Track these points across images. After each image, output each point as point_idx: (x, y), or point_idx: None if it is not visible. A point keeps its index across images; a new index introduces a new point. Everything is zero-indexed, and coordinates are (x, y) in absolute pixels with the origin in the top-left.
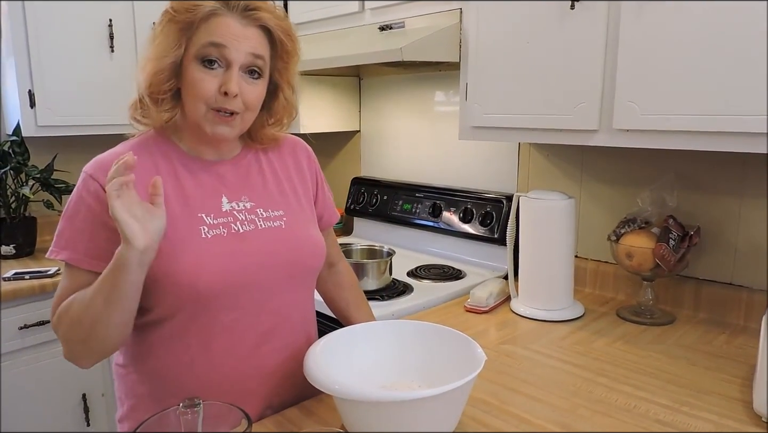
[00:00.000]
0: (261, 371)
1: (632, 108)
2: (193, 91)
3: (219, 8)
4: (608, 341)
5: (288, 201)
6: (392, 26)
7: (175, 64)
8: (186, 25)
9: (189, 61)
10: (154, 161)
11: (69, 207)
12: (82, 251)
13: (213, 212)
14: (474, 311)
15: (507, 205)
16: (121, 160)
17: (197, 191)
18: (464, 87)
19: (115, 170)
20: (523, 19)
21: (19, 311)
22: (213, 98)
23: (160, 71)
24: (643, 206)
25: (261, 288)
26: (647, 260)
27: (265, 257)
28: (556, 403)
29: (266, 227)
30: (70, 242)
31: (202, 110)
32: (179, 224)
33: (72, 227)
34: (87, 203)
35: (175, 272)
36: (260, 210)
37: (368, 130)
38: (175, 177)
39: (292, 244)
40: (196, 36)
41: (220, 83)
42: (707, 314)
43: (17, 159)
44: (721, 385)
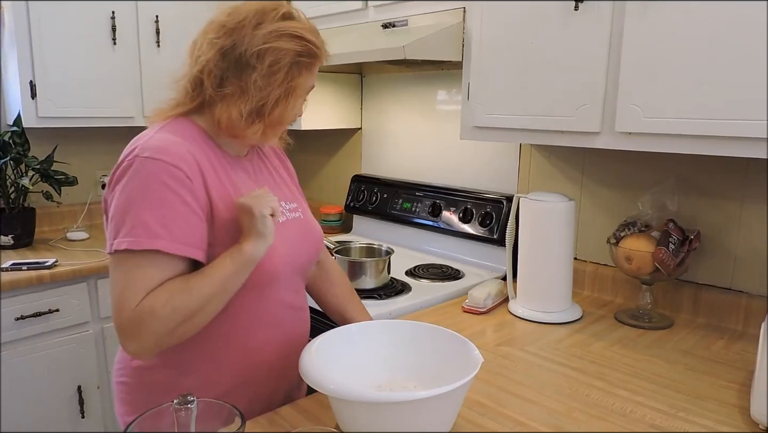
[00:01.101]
0: (292, 338)
1: (635, 111)
2: (292, 119)
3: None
4: (606, 344)
5: (294, 195)
6: (395, 24)
7: None
8: (315, 66)
9: (303, 96)
10: (204, 151)
11: (143, 196)
12: (180, 238)
13: None
14: (472, 311)
15: (507, 205)
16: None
17: (242, 184)
18: (466, 86)
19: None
20: (526, 20)
21: (15, 302)
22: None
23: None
24: (643, 210)
25: (295, 270)
26: (646, 264)
27: (298, 243)
28: (552, 406)
29: (291, 217)
30: (163, 229)
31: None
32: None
33: (159, 214)
34: (174, 191)
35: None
36: (283, 203)
37: (369, 128)
38: (222, 166)
39: (309, 231)
40: (310, 75)
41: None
42: (706, 318)
43: (17, 150)
44: (719, 391)
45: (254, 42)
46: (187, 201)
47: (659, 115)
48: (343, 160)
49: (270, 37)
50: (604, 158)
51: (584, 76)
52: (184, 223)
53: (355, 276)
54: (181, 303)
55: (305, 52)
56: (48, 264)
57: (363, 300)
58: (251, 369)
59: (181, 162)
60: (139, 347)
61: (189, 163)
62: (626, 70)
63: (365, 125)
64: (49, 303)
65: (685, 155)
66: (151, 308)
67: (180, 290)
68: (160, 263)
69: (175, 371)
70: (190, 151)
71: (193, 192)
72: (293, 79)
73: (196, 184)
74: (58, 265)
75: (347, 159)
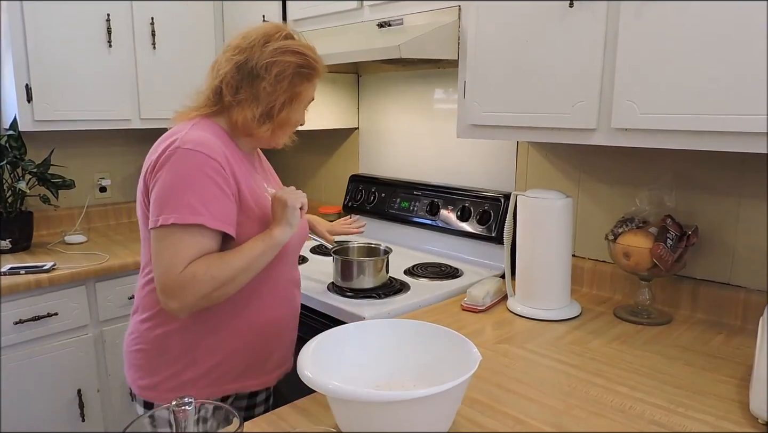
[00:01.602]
0: (293, 310)
1: (631, 107)
2: (296, 123)
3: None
4: (605, 341)
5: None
6: (391, 23)
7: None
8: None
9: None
10: (229, 148)
11: (186, 180)
12: (218, 216)
13: (267, 192)
14: (470, 309)
15: (505, 203)
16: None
17: (257, 176)
18: (462, 85)
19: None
20: (522, 17)
21: (14, 306)
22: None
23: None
24: (641, 206)
25: (292, 249)
26: (644, 260)
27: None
28: (551, 403)
29: None
30: (204, 208)
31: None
32: (261, 200)
33: (201, 196)
34: (211, 177)
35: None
36: None
37: (367, 128)
38: (241, 161)
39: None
40: (311, 87)
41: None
42: (704, 314)
43: (14, 153)
44: (718, 386)
45: (263, 57)
46: (222, 187)
47: (655, 111)
48: (340, 160)
49: (276, 53)
50: (601, 155)
51: (580, 73)
52: (220, 204)
53: (353, 276)
54: (218, 272)
55: (305, 64)
56: (46, 268)
57: (361, 299)
58: (256, 331)
59: (217, 155)
60: (179, 306)
61: (222, 156)
62: (622, 66)
63: (362, 125)
64: (48, 307)
65: (682, 151)
66: (193, 274)
67: (217, 261)
68: (201, 237)
69: (194, 335)
70: (222, 146)
71: (227, 180)
72: (296, 87)
73: (228, 173)
74: (57, 268)
75: (345, 159)
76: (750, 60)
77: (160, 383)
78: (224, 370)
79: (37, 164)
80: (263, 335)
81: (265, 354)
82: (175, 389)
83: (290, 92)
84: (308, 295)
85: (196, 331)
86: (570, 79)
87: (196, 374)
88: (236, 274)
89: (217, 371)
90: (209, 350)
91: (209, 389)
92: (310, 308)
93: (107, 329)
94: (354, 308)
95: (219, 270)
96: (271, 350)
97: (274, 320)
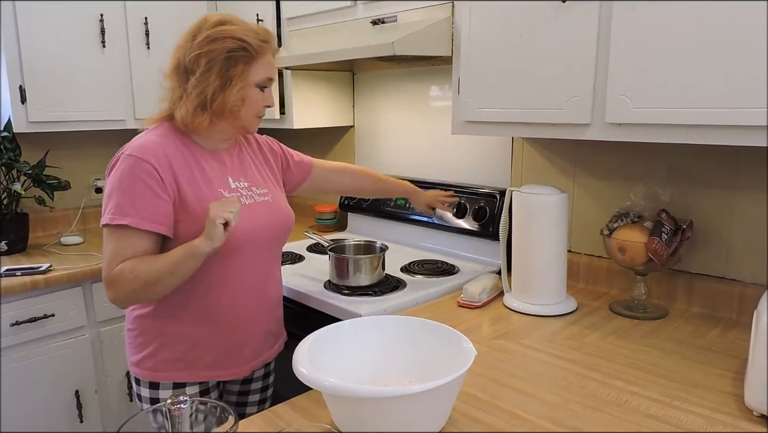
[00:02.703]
0: (265, 302)
1: (624, 102)
2: (252, 108)
3: (265, 46)
4: (601, 335)
5: (268, 183)
6: (384, 20)
7: None
8: (249, 60)
9: (250, 87)
10: (180, 149)
11: (122, 183)
12: (144, 216)
13: (226, 188)
14: (467, 306)
15: (500, 200)
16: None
17: (212, 172)
18: (457, 81)
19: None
20: (515, 13)
21: (11, 308)
22: (261, 111)
23: (245, 96)
24: (635, 200)
25: (261, 243)
26: (640, 255)
27: (263, 221)
28: (548, 398)
29: (260, 200)
30: (131, 209)
31: (253, 119)
32: (207, 195)
33: (130, 197)
34: (143, 179)
35: None
36: (254, 188)
37: (362, 126)
38: (196, 160)
39: (276, 212)
40: (256, 68)
41: (264, 100)
42: (700, 308)
43: (8, 155)
44: (713, 379)
45: (192, 51)
46: (153, 188)
47: (649, 106)
48: (336, 158)
49: (203, 43)
50: (596, 150)
51: (573, 69)
52: (150, 205)
53: (349, 273)
54: (142, 273)
55: (236, 47)
56: (42, 269)
57: (358, 297)
58: (223, 320)
59: (153, 157)
60: (112, 298)
61: (159, 158)
62: (615, 61)
63: (358, 123)
64: (45, 308)
65: (676, 145)
66: (121, 271)
67: (144, 262)
68: (132, 236)
69: (163, 320)
70: (164, 148)
71: (159, 181)
72: (229, 71)
73: (164, 175)
74: (53, 270)
75: (341, 157)
76: (747, 52)
77: (141, 360)
78: (196, 355)
79: (32, 166)
80: (230, 325)
81: (236, 345)
82: (155, 367)
83: (223, 78)
84: (305, 293)
85: (163, 315)
86: (563, 74)
87: (171, 356)
88: (160, 276)
89: (190, 355)
90: (179, 335)
91: (186, 372)
92: (306, 305)
93: (104, 330)
94: (350, 305)
95: (144, 271)
96: (241, 341)
97: (240, 311)
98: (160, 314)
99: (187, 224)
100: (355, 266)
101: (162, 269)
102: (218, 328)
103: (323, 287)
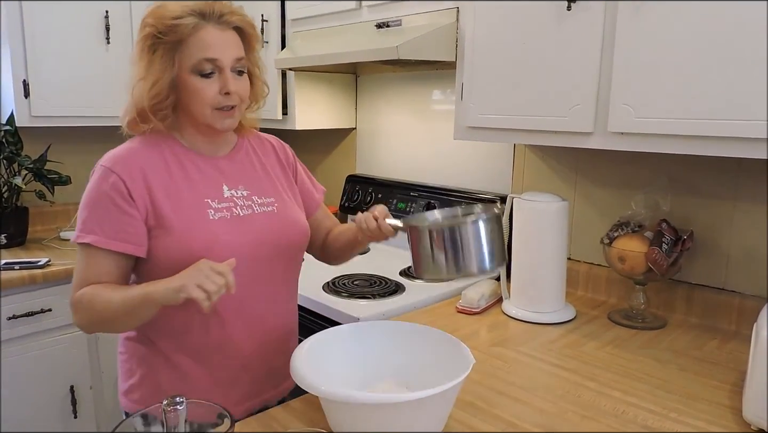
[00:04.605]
0: (266, 331)
1: (627, 111)
2: (199, 99)
3: (198, 21)
4: (599, 344)
5: (277, 190)
6: (389, 24)
7: (172, 82)
8: (174, 45)
9: (186, 75)
10: (164, 156)
11: (89, 197)
12: (108, 233)
13: (217, 198)
14: (465, 312)
15: (501, 206)
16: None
17: (202, 180)
18: (460, 87)
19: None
20: (519, 19)
21: (8, 301)
22: (216, 100)
23: (161, 92)
24: (636, 210)
25: (260, 261)
26: (639, 264)
27: (262, 235)
28: (544, 407)
29: (261, 211)
30: (95, 227)
31: (209, 112)
32: (189, 207)
33: (95, 214)
34: (107, 194)
35: (191, 249)
36: (255, 197)
37: (364, 128)
38: (182, 168)
39: (282, 224)
40: (187, 51)
41: (219, 87)
42: (699, 319)
43: (10, 149)
44: (711, 391)
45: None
46: (117, 203)
47: (652, 116)
48: (337, 160)
49: (138, 37)
50: (598, 158)
51: (577, 77)
52: (115, 222)
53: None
54: (98, 306)
55: (151, 33)
56: (41, 264)
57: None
58: (210, 353)
59: (121, 169)
60: (76, 324)
61: (130, 169)
62: (618, 70)
63: (360, 125)
64: (42, 303)
65: (678, 155)
66: (80, 298)
67: (102, 295)
68: (97, 256)
69: (147, 346)
70: (141, 158)
71: (125, 195)
72: (147, 58)
73: (132, 188)
74: (51, 264)
75: (342, 159)
76: (749, 64)
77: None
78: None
79: (33, 160)
80: (218, 359)
81: (226, 382)
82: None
83: (142, 67)
84: (303, 295)
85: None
86: (567, 82)
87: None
88: (116, 315)
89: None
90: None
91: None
92: (304, 308)
93: None
94: (348, 309)
95: (99, 305)
96: (231, 379)
97: (229, 343)
98: (143, 339)
99: (163, 240)
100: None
101: (117, 308)
102: (205, 361)
103: (321, 289)
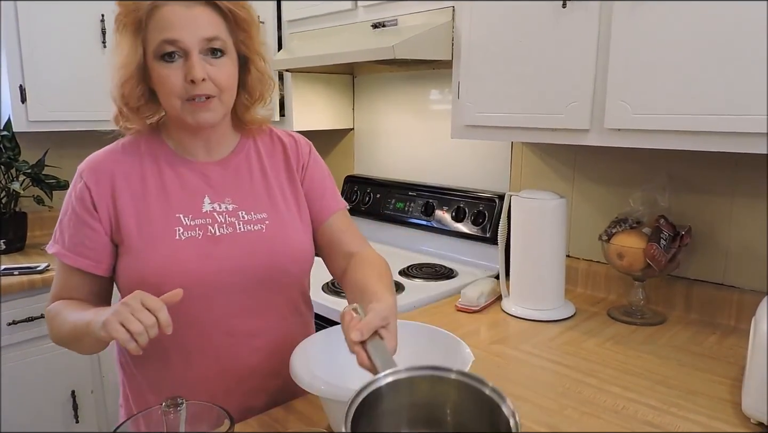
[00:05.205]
0: (239, 370)
1: (624, 107)
2: (163, 88)
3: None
4: (598, 341)
5: (274, 203)
6: (385, 24)
7: (140, 68)
8: (136, 26)
9: (150, 61)
10: (141, 161)
11: (64, 204)
12: (67, 246)
13: (192, 213)
14: (465, 310)
15: (499, 204)
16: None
17: (179, 191)
18: (456, 86)
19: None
20: (515, 18)
21: (7, 307)
22: (183, 89)
23: (127, 80)
24: (634, 206)
25: (235, 290)
26: (638, 260)
27: (241, 261)
28: (544, 404)
29: (245, 230)
30: (60, 236)
31: (178, 104)
32: (156, 223)
33: (62, 223)
34: (72, 203)
35: (144, 273)
36: (242, 213)
37: (362, 128)
38: (159, 176)
39: (270, 248)
40: (149, 33)
41: (184, 73)
42: (698, 314)
43: (8, 154)
44: (711, 386)
45: None
46: (78, 213)
47: (648, 112)
48: (335, 161)
49: None
50: (595, 155)
51: (573, 74)
52: (75, 233)
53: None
54: (56, 325)
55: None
56: (40, 269)
57: None
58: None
59: (90, 176)
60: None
61: (99, 176)
62: (615, 66)
63: (357, 125)
64: (41, 308)
65: (675, 151)
66: (47, 314)
67: (61, 315)
68: (62, 269)
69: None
70: (115, 163)
71: (89, 206)
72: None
73: (96, 197)
74: (50, 269)
75: (340, 159)
76: (747, 59)
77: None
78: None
79: (31, 165)
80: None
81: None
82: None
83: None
84: None
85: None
86: (563, 79)
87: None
88: (69, 339)
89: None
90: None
91: None
92: None
93: None
94: None
95: (57, 325)
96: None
97: (195, 382)
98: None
99: (123, 260)
100: None
101: (68, 333)
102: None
103: (321, 289)
